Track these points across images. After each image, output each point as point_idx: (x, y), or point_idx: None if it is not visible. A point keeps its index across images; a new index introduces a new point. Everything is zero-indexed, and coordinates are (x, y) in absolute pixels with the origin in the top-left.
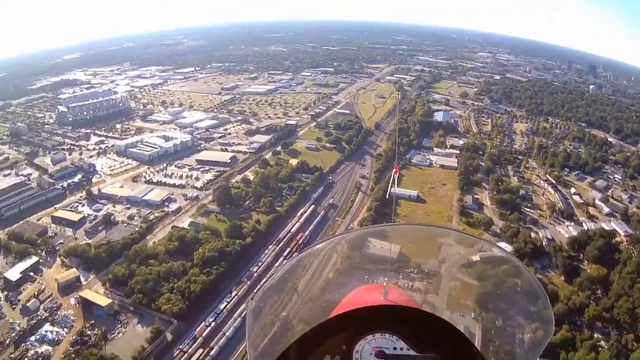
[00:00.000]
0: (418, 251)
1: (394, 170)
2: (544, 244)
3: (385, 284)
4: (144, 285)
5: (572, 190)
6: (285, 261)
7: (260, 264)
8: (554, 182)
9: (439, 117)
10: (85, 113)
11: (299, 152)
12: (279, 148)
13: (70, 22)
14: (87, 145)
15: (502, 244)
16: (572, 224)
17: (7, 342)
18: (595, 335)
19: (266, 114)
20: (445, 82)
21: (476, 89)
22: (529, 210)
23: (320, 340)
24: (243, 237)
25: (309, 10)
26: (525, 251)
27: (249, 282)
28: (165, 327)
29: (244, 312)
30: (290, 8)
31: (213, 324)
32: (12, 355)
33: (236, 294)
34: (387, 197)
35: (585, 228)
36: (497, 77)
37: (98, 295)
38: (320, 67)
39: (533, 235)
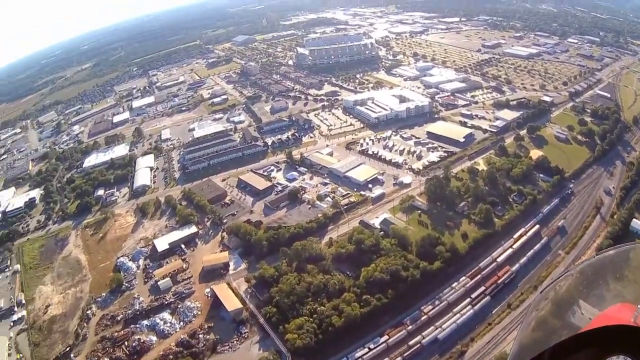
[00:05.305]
0: None
1: None
2: None
3: (638, 305)
4: (282, 299)
5: None
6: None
7: (437, 303)
8: None
9: None
10: (326, 58)
11: (546, 140)
12: (523, 132)
13: None
14: (317, 95)
15: None
16: None
17: (119, 317)
18: None
19: (522, 84)
20: None
21: None
22: None
23: (570, 351)
24: (433, 257)
25: None
26: None
27: (409, 328)
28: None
29: None
30: None
31: None
32: (116, 334)
33: (385, 342)
34: None
35: None
36: None
37: (231, 295)
38: (586, 35)
39: None
